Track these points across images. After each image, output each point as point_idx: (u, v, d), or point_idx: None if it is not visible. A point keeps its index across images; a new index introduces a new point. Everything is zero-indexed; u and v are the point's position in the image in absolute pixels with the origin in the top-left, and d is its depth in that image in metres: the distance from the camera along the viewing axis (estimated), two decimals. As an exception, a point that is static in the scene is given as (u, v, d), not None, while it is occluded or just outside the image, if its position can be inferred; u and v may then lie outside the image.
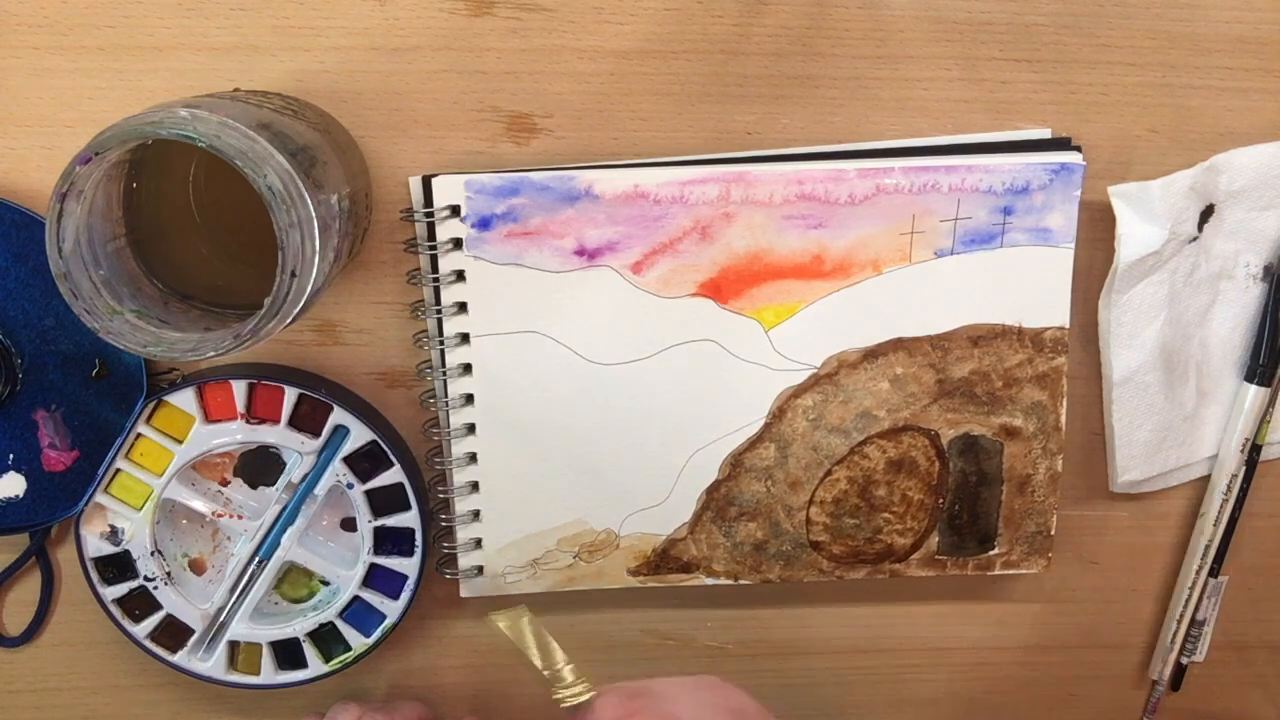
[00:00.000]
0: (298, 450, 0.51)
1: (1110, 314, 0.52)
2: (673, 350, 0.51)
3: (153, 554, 0.51)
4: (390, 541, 0.52)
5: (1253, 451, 0.56)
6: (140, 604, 0.52)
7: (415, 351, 0.51)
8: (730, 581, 0.55)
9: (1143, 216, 0.51)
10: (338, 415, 0.50)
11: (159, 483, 0.50)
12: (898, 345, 0.51)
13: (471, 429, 0.51)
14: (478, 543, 0.53)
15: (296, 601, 0.54)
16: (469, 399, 0.51)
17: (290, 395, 0.50)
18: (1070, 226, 0.50)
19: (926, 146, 0.50)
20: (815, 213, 0.49)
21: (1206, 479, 0.57)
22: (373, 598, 0.53)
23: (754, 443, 0.52)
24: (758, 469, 0.53)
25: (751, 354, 0.51)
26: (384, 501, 0.52)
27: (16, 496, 0.50)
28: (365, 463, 0.51)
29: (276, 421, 0.50)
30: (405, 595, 0.53)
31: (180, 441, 0.50)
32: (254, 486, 0.52)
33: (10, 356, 0.49)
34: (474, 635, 0.57)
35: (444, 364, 0.50)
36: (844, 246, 0.50)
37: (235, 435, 0.50)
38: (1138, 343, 0.53)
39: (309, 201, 0.38)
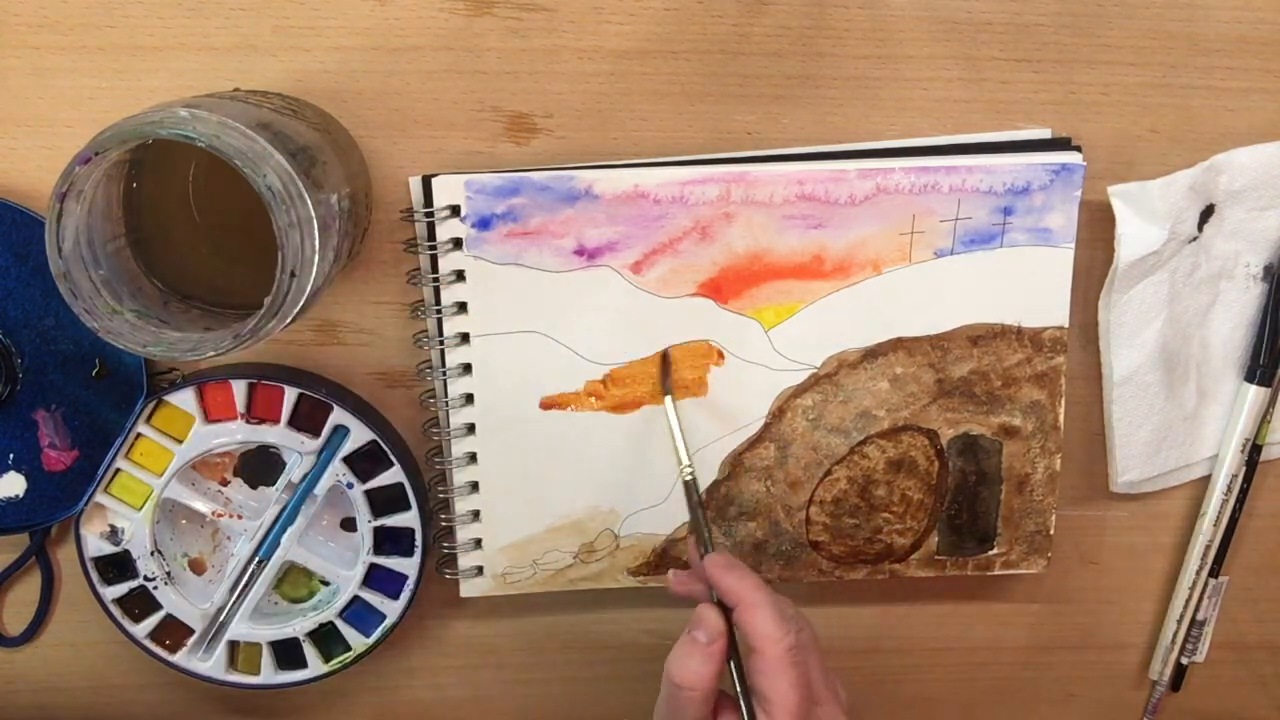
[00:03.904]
0: (298, 450, 0.51)
1: (1110, 314, 0.52)
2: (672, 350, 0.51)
3: (152, 554, 0.51)
4: (390, 541, 0.52)
5: (1253, 451, 0.56)
6: (140, 604, 0.52)
7: (415, 351, 0.51)
8: (730, 581, 0.55)
9: (1143, 216, 0.51)
10: (338, 415, 0.50)
11: (159, 482, 0.50)
12: (897, 345, 0.51)
13: (471, 429, 0.51)
14: (478, 543, 0.53)
15: (296, 601, 0.54)
16: (469, 399, 0.51)
17: (290, 395, 0.50)
18: (1070, 226, 0.50)
19: (926, 146, 0.50)
20: (815, 213, 0.49)
21: (1206, 479, 0.57)
22: (373, 598, 0.53)
23: (754, 443, 0.52)
24: (758, 469, 0.53)
25: (751, 354, 0.51)
26: (384, 501, 0.52)
27: (16, 496, 0.50)
28: (365, 463, 0.51)
29: (276, 421, 0.50)
30: (405, 595, 0.53)
31: (180, 441, 0.50)
32: (254, 486, 0.52)
33: (10, 356, 0.49)
34: (474, 635, 0.57)
35: (444, 364, 0.50)
36: (844, 246, 0.50)
37: (235, 435, 0.50)
38: (1138, 342, 0.53)
39: (309, 201, 0.38)
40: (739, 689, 0.44)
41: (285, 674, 0.54)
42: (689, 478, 0.48)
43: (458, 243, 0.48)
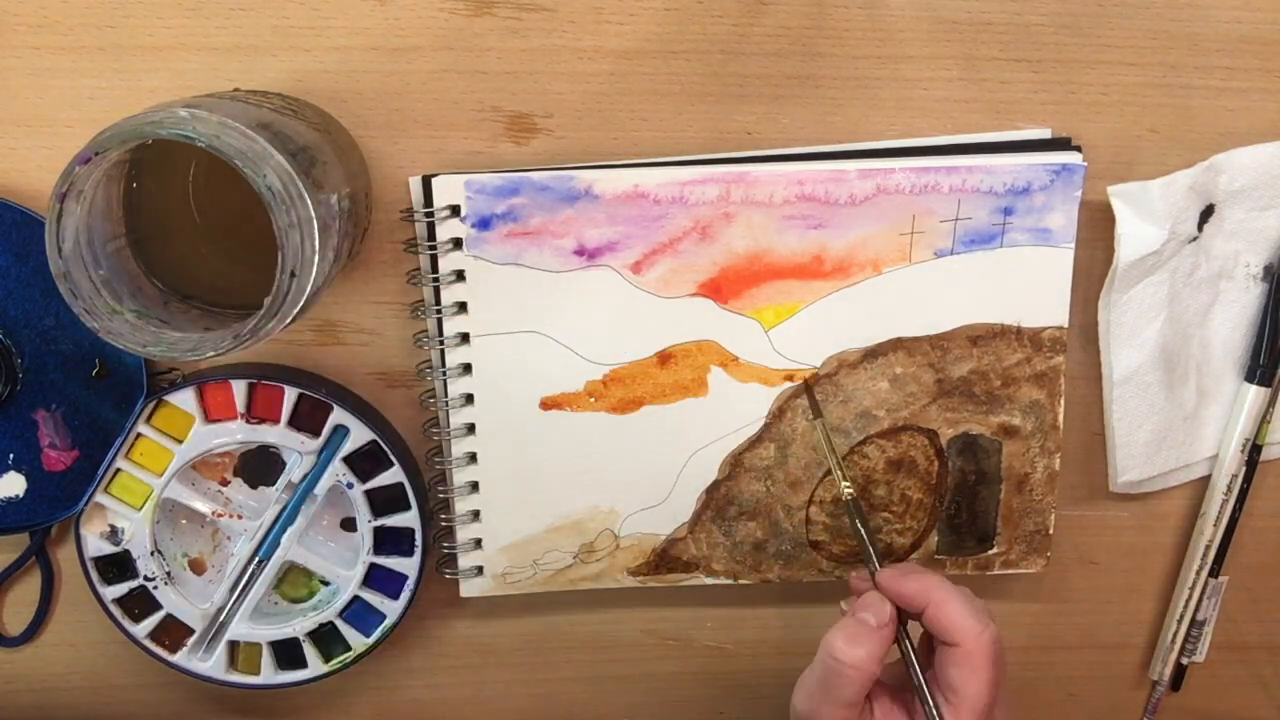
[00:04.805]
0: (298, 450, 0.51)
1: (1110, 314, 0.52)
2: (672, 350, 0.51)
3: (152, 554, 0.51)
4: (390, 541, 0.52)
5: (1253, 451, 0.56)
6: (140, 604, 0.52)
7: (415, 351, 0.51)
8: (730, 581, 0.55)
9: (1142, 216, 0.51)
10: (338, 415, 0.50)
11: (159, 482, 0.50)
12: (897, 345, 0.51)
13: (471, 429, 0.51)
14: (478, 543, 0.53)
15: (296, 601, 0.54)
16: (469, 399, 0.51)
17: (290, 395, 0.50)
18: (1070, 227, 0.50)
19: (926, 146, 0.50)
20: (815, 213, 0.49)
21: (1206, 479, 0.57)
22: (373, 598, 0.53)
23: (754, 443, 0.52)
24: (758, 469, 0.53)
25: (751, 354, 0.51)
26: (384, 501, 0.52)
27: (16, 496, 0.50)
28: (365, 463, 0.51)
29: (276, 421, 0.50)
30: (405, 595, 0.53)
31: (180, 441, 0.50)
32: (254, 486, 0.52)
33: (10, 356, 0.49)
34: (474, 635, 0.57)
35: (444, 364, 0.50)
36: (844, 247, 0.50)
37: (235, 435, 0.50)
38: (1138, 342, 0.53)
39: (309, 201, 0.38)
40: (916, 680, 0.45)
41: (285, 674, 0.54)
42: (849, 496, 0.49)
43: (458, 243, 0.48)
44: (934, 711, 0.44)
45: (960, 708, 0.43)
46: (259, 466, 0.52)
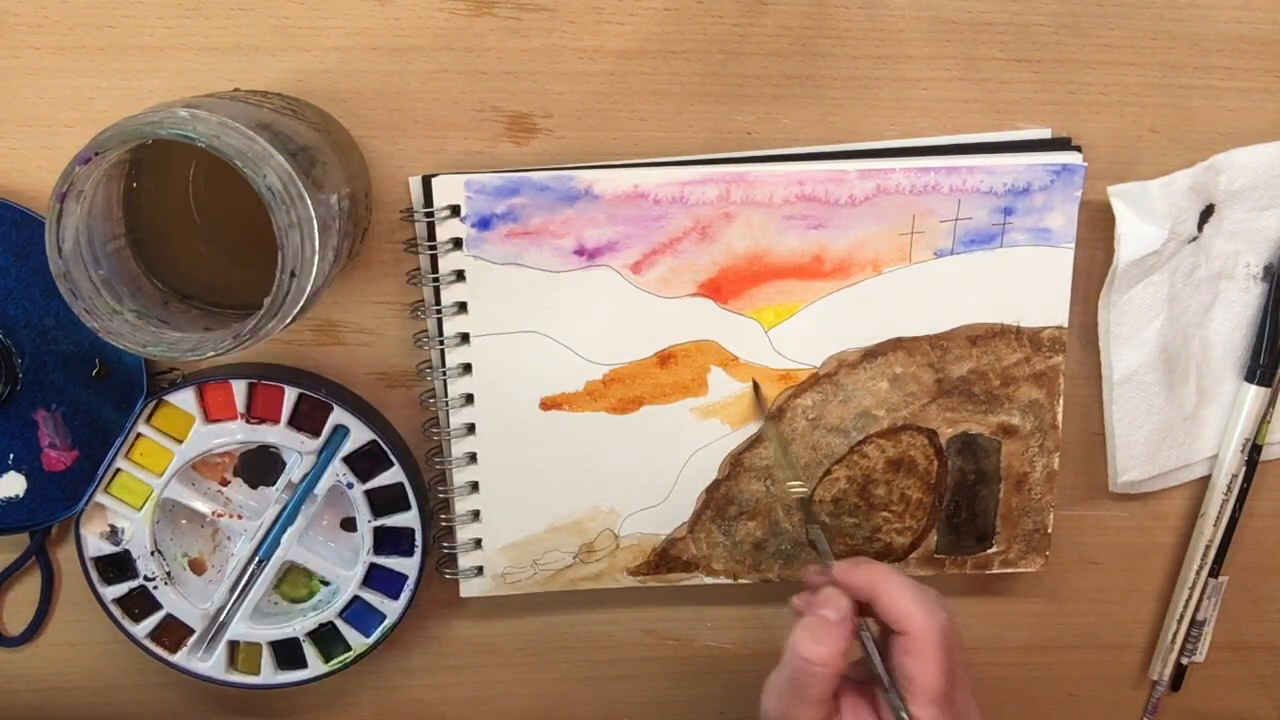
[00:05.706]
0: (298, 450, 0.51)
1: (1110, 314, 0.52)
2: (672, 350, 0.51)
3: (152, 554, 0.51)
4: (390, 541, 0.52)
5: (1253, 451, 0.56)
6: (140, 604, 0.52)
7: (415, 351, 0.51)
8: (730, 580, 0.55)
9: (1142, 216, 0.51)
10: (338, 415, 0.50)
11: (159, 482, 0.50)
12: (897, 345, 0.52)
13: (471, 429, 0.51)
14: (478, 543, 0.53)
15: (296, 601, 0.54)
16: (469, 399, 0.51)
17: (290, 395, 0.50)
18: (1070, 227, 0.50)
19: (926, 146, 0.50)
20: (815, 213, 0.49)
21: (1206, 479, 0.57)
22: (373, 598, 0.53)
23: (754, 442, 0.52)
24: (757, 468, 0.53)
25: (751, 354, 0.51)
26: (384, 501, 0.52)
27: (16, 496, 0.51)
28: (365, 463, 0.51)
29: (276, 421, 0.50)
30: (405, 595, 0.53)
31: (180, 441, 0.50)
32: (254, 486, 0.52)
33: (10, 356, 0.49)
34: (474, 635, 0.57)
35: (444, 364, 0.50)
36: (844, 247, 0.50)
37: (235, 435, 0.50)
38: (1138, 342, 0.53)
39: (309, 201, 0.38)
40: (876, 668, 0.45)
41: (285, 674, 0.54)
42: (800, 495, 0.50)
43: (458, 243, 0.48)
44: (895, 699, 0.44)
45: (916, 696, 0.44)
46: (259, 466, 0.52)
